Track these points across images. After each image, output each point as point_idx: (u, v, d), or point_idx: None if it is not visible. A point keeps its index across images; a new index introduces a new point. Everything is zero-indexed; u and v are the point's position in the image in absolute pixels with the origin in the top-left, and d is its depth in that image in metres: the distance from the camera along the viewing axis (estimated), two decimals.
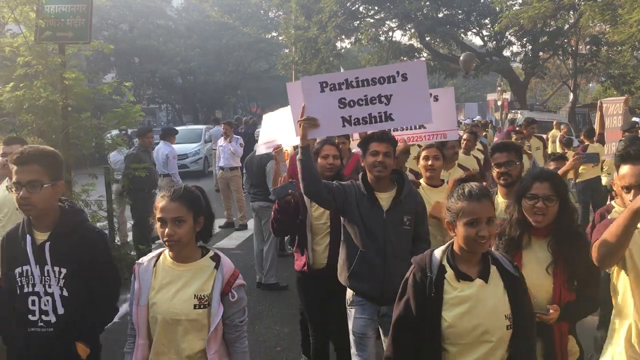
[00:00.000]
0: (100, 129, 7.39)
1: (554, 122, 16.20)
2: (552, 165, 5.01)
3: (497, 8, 21.55)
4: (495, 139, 11.98)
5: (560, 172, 4.22)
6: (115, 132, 7.79)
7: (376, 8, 24.31)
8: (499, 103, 25.71)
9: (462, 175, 2.49)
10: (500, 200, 3.57)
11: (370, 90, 3.50)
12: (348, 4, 23.42)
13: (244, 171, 7.46)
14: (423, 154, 4.34)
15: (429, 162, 4.25)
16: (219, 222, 9.74)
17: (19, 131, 6.32)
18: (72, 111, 6.82)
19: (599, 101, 7.77)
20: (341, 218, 3.51)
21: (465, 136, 6.98)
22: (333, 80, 3.50)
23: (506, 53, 24.87)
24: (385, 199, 3.39)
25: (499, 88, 28.49)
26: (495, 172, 3.62)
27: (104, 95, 7.79)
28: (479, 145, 7.48)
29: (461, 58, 18.50)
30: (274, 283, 6.79)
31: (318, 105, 3.43)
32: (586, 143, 8.98)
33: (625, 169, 2.53)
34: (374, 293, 3.34)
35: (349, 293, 3.46)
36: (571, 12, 20.42)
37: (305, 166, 3.29)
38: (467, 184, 2.29)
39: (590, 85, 35.83)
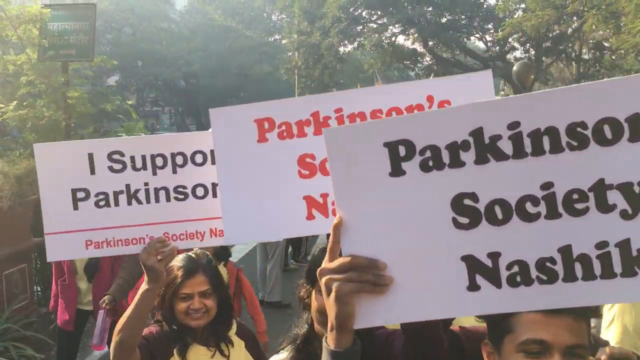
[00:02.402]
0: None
1: None
2: None
3: (501, 14, 21.49)
4: None
5: None
6: None
7: (379, 13, 24.29)
8: None
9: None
10: None
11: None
12: (351, 9, 23.39)
13: None
14: None
15: None
16: None
17: (23, 150, 6.34)
18: (75, 127, 6.87)
19: None
20: None
21: None
22: (450, 137, 1.03)
23: (509, 58, 24.85)
24: None
25: (502, 93, 28.43)
26: None
27: (108, 100, 7.79)
28: None
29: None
30: (277, 301, 6.80)
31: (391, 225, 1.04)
32: None
33: None
34: None
35: None
36: (574, 18, 20.37)
37: None
38: None
39: None
